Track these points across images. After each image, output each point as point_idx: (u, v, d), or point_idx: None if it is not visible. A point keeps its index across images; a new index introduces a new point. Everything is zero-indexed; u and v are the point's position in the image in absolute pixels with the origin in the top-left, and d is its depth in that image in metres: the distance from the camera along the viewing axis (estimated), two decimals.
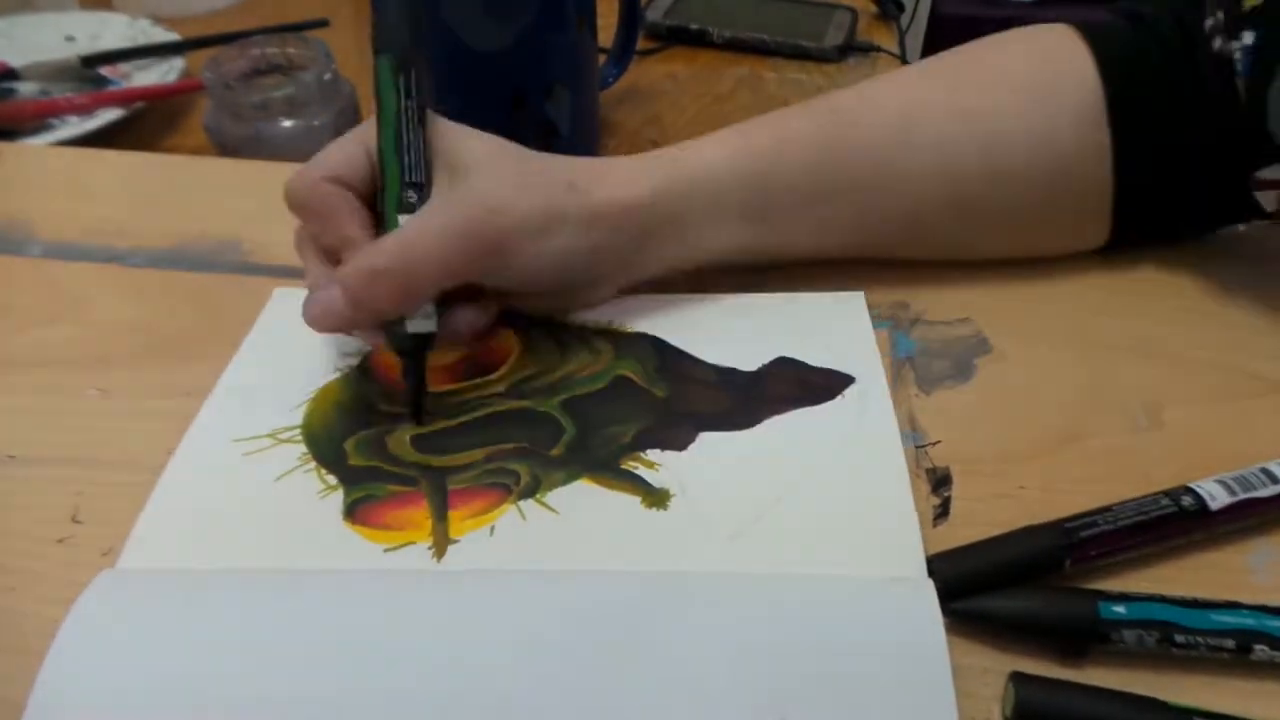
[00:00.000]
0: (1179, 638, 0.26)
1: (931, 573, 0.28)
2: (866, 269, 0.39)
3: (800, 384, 0.35)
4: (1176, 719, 0.25)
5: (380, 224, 0.33)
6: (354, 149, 0.33)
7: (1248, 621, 0.26)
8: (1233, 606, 0.27)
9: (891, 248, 0.39)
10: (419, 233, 0.31)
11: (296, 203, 0.33)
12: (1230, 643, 0.26)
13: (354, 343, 0.37)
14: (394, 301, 0.31)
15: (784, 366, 0.35)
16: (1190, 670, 0.26)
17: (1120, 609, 0.26)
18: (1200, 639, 0.26)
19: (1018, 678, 0.25)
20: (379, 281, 0.30)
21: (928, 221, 0.37)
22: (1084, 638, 0.27)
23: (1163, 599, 0.27)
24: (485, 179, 0.32)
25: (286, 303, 0.39)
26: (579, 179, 0.34)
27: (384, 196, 0.32)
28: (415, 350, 0.32)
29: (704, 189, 0.35)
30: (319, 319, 0.32)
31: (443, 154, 0.33)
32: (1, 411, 0.34)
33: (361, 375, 0.36)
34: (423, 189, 0.32)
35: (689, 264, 0.37)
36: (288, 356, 0.36)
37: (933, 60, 0.39)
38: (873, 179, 0.36)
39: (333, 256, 0.33)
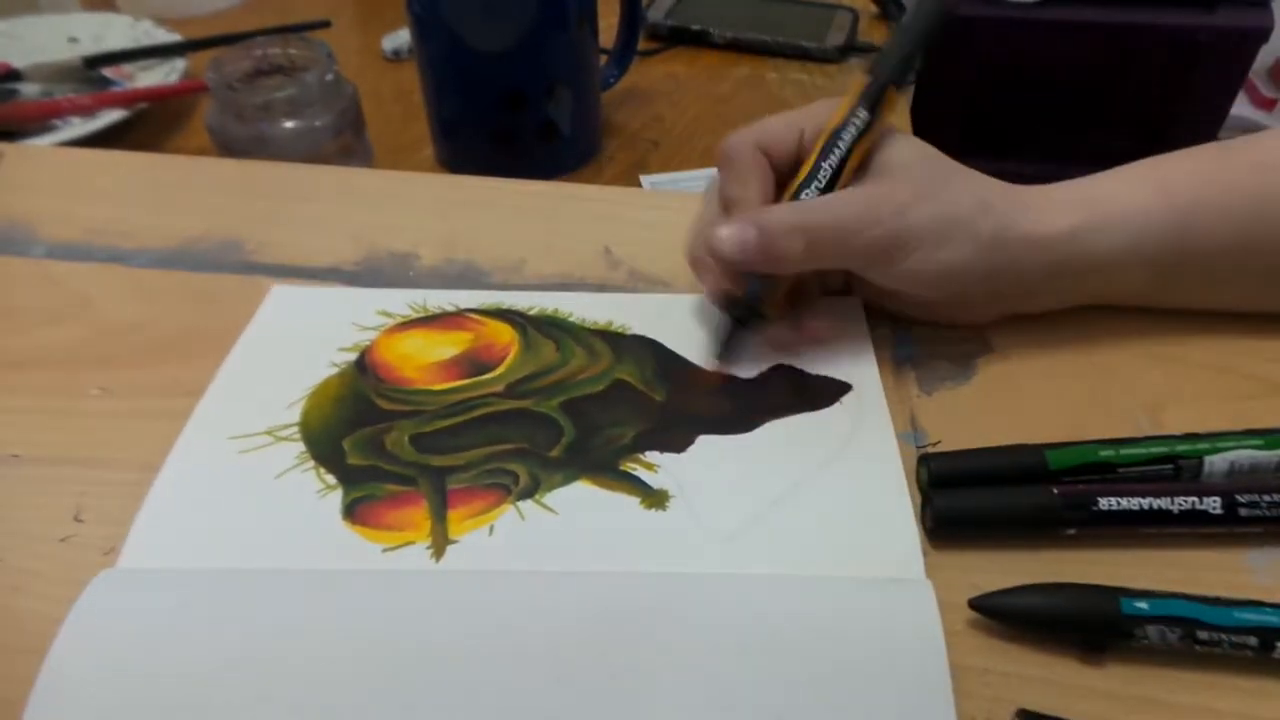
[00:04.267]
0: (1202, 634, 0.26)
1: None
2: None
3: (798, 391, 0.35)
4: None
5: (779, 198, 0.35)
6: (788, 129, 0.36)
7: (1271, 619, 0.26)
8: (1254, 604, 0.26)
9: None
10: (835, 208, 0.34)
11: (726, 155, 0.36)
12: (1253, 640, 0.26)
13: (351, 338, 0.37)
14: (796, 256, 0.33)
15: (782, 374, 0.36)
16: (1209, 669, 0.27)
17: (1143, 604, 0.26)
18: (1223, 636, 0.26)
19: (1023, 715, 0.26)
20: (794, 235, 0.33)
21: None
22: (1107, 633, 0.27)
23: (1184, 596, 0.27)
24: (901, 181, 0.34)
25: (284, 300, 0.39)
26: (996, 202, 0.34)
27: (797, 181, 0.35)
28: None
29: (1122, 232, 0.34)
30: (721, 245, 0.33)
31: (877, 154, 0.35)
32: (5, 411, 0.35)
33: (359, 371, 0.36)
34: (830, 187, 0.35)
35: (1085, 301, 0.37)
36: (285, 353, 0.36)
37: None
38: None
39: (728, 206, 0.36)
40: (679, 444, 0.33)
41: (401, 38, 0.77)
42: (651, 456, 0.32)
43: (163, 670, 0.25)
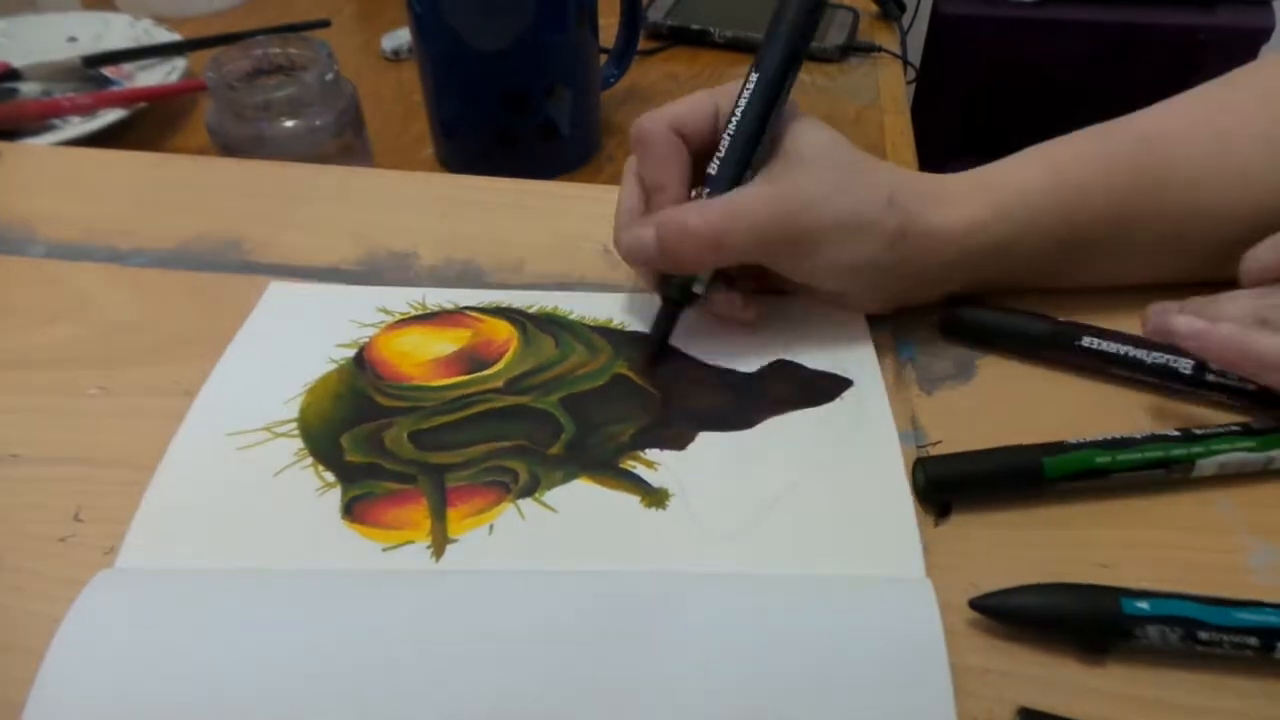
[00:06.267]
0: (1202, 634, 0.26)
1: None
2: None
3: (799, 387, 0.35)
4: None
5: (699, 181, 0.36)
6: (705, 106, 0.36)
7: (1271, 619, 0.26)
8: (1254, 604, 0.27)
9: (1190, 273, 0.38)
10: (736, 209, 0.33)
11: (639, 139, 0.36)
12: (1253, 640, 0.26)
13: (349, 335, 0.37)
14: (696, 260, 0.34)
15: (782, 369, 0.36)
16: (1209, 669, 0.27)
17: (1143, 604, 0.26)
18: (1224, 636, 0.26)
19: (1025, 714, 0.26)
20: (689, 239, 0.33)
21: (1230, 249, 0.35)
22: (1108, 633, 0.27)
23: (1184, 596, 0.27)
24: (809, 175, 0.34)
25: (282, 296, 0.39)
26: (900, 195, 0.34)
27: (714, 162, 0.35)
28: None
29: (1021, 217, 0.35)
30: (630, 253, 0.35)
31: (785, 140, 0.35)
32: (4, 411, 0.34)
33: (357, 368, 0.36)
34: (739, 172, 0.35)
35: (991, 286, 0.37)
36: (282, 349, 0.36)
37: (1238, 77, 0.38)
38: (1179, 208, 0.36)
39: (647, 192, 0.36)
40: (679, 441, 0.33)
41: (401, 37, 0.77)
42: (651, 454, 0.32)
43: (162, 670, 0.25)
